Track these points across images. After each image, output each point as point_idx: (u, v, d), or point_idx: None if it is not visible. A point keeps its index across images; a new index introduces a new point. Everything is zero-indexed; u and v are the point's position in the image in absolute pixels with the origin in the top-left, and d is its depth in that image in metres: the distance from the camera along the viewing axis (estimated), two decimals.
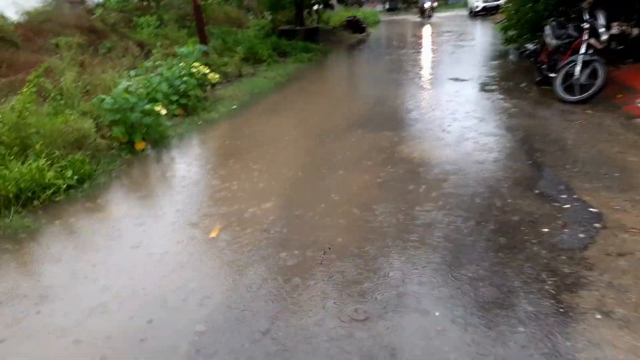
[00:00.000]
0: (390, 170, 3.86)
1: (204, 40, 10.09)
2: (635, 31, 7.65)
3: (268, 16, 16.62)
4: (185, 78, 6.28)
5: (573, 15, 7.80)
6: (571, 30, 5.82)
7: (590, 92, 5.33)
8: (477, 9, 24.99)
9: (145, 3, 18.56)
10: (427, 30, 18.68)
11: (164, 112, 4.94)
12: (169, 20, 16.41)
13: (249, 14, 21.98)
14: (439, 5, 40.24)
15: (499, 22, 11.63)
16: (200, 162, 4.55)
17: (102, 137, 4.60)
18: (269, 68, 10.38)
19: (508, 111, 5.45)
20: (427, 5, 24.26)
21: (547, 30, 6.42)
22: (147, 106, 4.68)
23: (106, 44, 11.91)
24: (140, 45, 12.01)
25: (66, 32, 13.37)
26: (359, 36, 17.78)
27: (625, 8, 6.89)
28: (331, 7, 30.83)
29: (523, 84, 6.92)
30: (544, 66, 6.44)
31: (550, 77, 6.14)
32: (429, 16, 24.04)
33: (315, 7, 17.17)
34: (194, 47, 8.44)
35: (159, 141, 5.03)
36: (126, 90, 4.57)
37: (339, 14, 23.70)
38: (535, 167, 3.69)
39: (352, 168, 4.00)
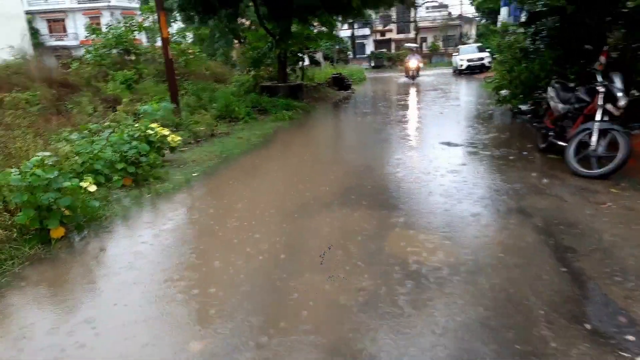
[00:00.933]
0: (374, 276, 2.85)
1: (175, 96, 9.31)
2: None
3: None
4: (135, 143, 5.34)
5: (572, 77, 7.22)
6: (582, 94, 5.09)
7: (612, 166, 4.50)
8: (462, 68, 25.23)
9: (124, 57, 18.09)
10: (412, 88, 18.41)
11: (92, 188, 3.93)
12: (148, 75, 15.85)
13: (235, 70, 21.73)
14: (422, 64, 41.39)
15: (490, 81, 11.15)
16: (136, 255, 3.48)
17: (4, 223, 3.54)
18: (245, 127, 9.57)
19: (515, 187, 4.56)
20: (412, 64, 21.11)
21: (551, 92, 5.72)
22: (67, 183, 3.67)
23: (74, 99, 11.10)
24: (111, 101, 11.25)
25: (35, 86, 12.61)
26: (343, 93, 17.38)
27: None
28: (317, 64, 31.15)
29: (524, 152, 6.12)
30: (550, 133, 5.68)
31: (558, 145, 5.35)
32: (414, 77, 21.15)
33: (300, 63, 16.82)
34: (160, 105, 7.61)
35: (87, 225, 3.98)
36: (40, 163, 3.58)
37: (325, 71, 23.63)
38: (574, 280, 2.71)
39: (324, 269, 2.98)
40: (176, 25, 23.76)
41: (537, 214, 3.81)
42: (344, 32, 43.67)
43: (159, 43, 19.01)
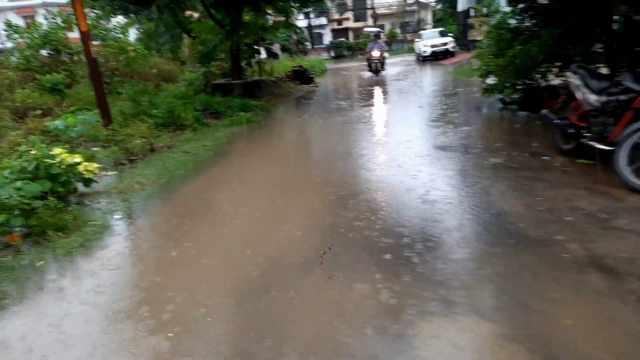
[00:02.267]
0: None
1: (103, 104, 7.57)
2: None
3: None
4: (19, 183, 3.70)
5: (578, 59, 6.06)
6: (629, 82, 3.86)
7: None
8: (426, 54, 24.23)
9: (55, 58, 15.86)
10: (379, 78, 17.15)
11: None
12: (84, 77, 13.79)
13: (186, 67, 19.75)
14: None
15: (477, 67, 9.95)
16: None
17: None
18: (193, 136, 7.94)
19: (567, 220, 3.28)
20: (375, 53, 16.81)
21: (575, 80, 4.49)
22: None
23: None
24: (20, 113, 9.32)
25: None
26: (306, 88, 15.89)
27: None
28: (275, 56, 29.39)
29: (544, 156, 4.89)
30: (581, 132, 4.46)
31: (596, 148, 4.14)
32: (377, 70, 17.00)
33: (256, 57, 15.17)
34: (77, 119, 5.92)
35: None
36: None
37: (284, 64, 22.01)
38: None
39: None
40: (116, 20, 21.43)
41: (628, 272, 2.52)
42: (300, 22, 41.97)
43: (98, 41, 16.89)
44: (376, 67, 16.95)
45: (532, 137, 5.77)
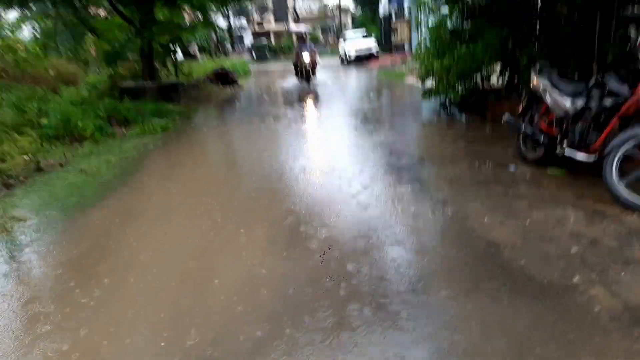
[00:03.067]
0: None
1: None
2: None
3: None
4: None
5: (525, 61, 5.73)
6: (613, 84, 3.39)
7: None
8: (351, 58, 24.02)
9: None
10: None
11: None
12: None
13: (92, 69, 17.58)
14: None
15: (415, 69, 9.49)
16: None
17: None
18: (94, 149, 6.55)
19: (560, 245, 2.68)
20: (306, 58, 13.32)
21: (543, 81, 4.00)
22: None
23: None
24: None
25: None
26: (229, 90, 14.71)
27: None
28: (192, 57, 27.61)
29: (511, 166, 4.37)
30: (553, 140, 3.97)
31: (576, 159, 3.65)
32: (309, 77, 13.67)
33: (172, 57, 13.70)
34: None
35: None
36: None
37: (204, 65, 20.55)
38: None
39: None
40: (8, 16, 18.57)
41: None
42: (221, 23, 40.24)
43: None
44: (307, 74, 13.59)
45: (489, 144, 5.29)
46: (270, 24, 50.26)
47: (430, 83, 7.58)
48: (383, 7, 26.84)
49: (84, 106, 8.46)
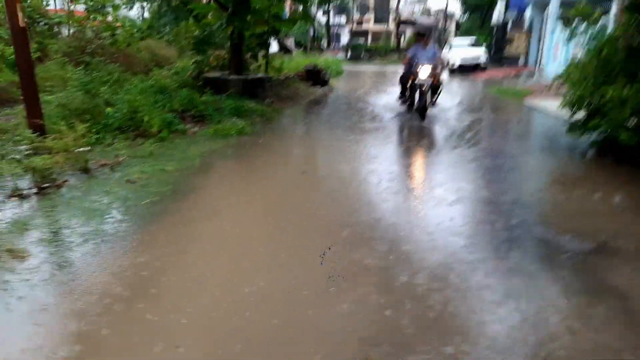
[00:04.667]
0: None
1: (30, 97, 5.25)
2: None
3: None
4: None
5: None
6: None
7: None
8: (454, 67, 21.82)
9: (31, 27, 13.52)
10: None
11: None
12: (57, 52, 11.50)
13: (188, 54, 17.46)
14: (402, 59, 37.27)
15: (505, 89, 7.53)
16: None
17: None
18: (156, 150, 5.59)
19: None
20: (423, 72, 7.75)
21: None
22: None
23: None
24: None
25: None
26: (319, 90, 13.53)
27: None
28: (288, 51, 27.01)
29: None
30: None
31: None
32: (423, 109, 7.87)
33: (263, 50, 12.78)
34: None
35: None
36: None
37: (296, 61, 19.65)
38: None
39: None
40: None
41: None
42: (320, 19, 39.64)
43: (79, 7, 14.58)
44: (422, 102, 7.77)
45: None
46: (370, 24, 48.83)
47: (581, 115, 5.69)
48: (498, 14, 24.15)
49: (158, 96, 7.66)
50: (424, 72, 7.74)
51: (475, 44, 23.60)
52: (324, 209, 3.84)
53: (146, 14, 23.68)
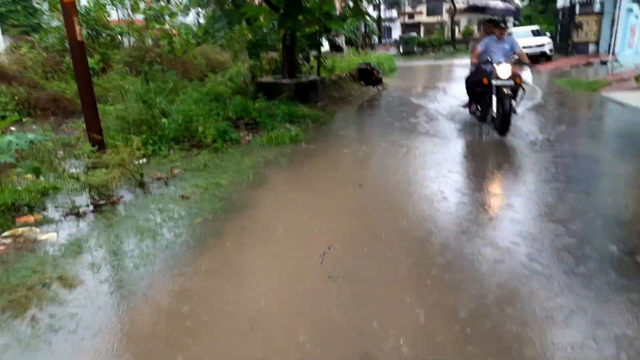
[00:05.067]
0: None
1: (89, 110, 5.30)
2: None
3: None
4: None
5: None
6: None
7: None
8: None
9: (94, 39, 14.13)
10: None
11: None
12: (118, 63, 11.93)
13: (241, 57, 17.65)
14: (458, 51, 35.50)
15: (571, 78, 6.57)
16: None
17: None
18: (211, 161, 5.48)
19: None
20: (503, 71, 5.95)
21: None
22: None
23: None
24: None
25: None
26: (373, 90, 13.10)
27: None
28: (339, 49, 26.65)
29: None
30: None
31: None
32: (504, 123, 6.03)
33: (317, 50, 12.53)
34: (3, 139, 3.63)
35: None
36: None
37: (348, 59, 19.29)
38: None
39: None
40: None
41: None
42: (370, 13, 38.93)
43: (138, 17, 15.03)
44: (504, 112, 6.00)
45: None
46: (422, 16, 47.39)
47: None
48: None
49: (215, 104, 7.62)
50: (503, 71, 6.05)
51: (538, 32, 22.06)
52: (392, 235, 3.47)
53: (202, 20, 24.28)
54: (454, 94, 10.65)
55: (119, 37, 15.39)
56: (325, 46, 20.90)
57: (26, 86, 9.99)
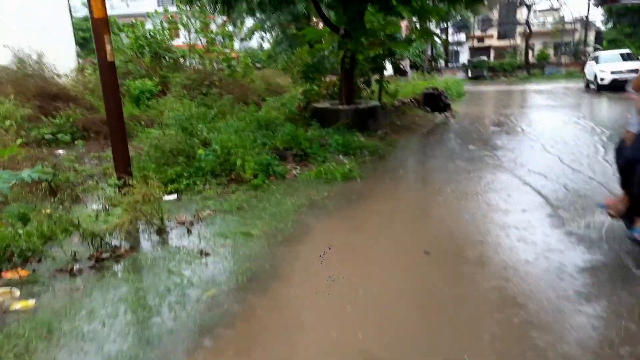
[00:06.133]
0: None
1: (117, 142, 4.72)
2: None
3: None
4: None
5: None
6: None
7: None
8: (603, 82, 18.31)
9: (156, 62, 14.21)
10: (546, 113, 12.37)
11: None
12: (176, 86, 11.79)
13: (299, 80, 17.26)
14: (532, 76, 33.06)
15: None
16: None
17: None
18: (248, 201, 4.66)
19: None
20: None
21: None
22: None
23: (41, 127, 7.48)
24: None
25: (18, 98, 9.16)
26: (439, 117, 11.92)
27: None
28: (403, 73, 25.63)
29: None
30: None
31: None
32: None
33: (379, 75, 11.61)
34: None
35: None
36: None
37: (413, 84, 18.23)
38: None
39: None
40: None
41: None
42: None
43: (200, 41, 15.02)
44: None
45: None
46: (492, 40, 45.22)
47: None
48: None
49: (263, 132, 6.90)
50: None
51: (629, 56, 19.72)
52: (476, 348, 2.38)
53: (266, 45, 24.45)
54: (535, 125, 9.22)
55: (182, 59, 15.46)
56: (389, 69, 20.00)
57: (82, 108, 9.96)
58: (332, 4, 10.02)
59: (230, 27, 17.17)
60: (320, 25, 14.27)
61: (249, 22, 19.92)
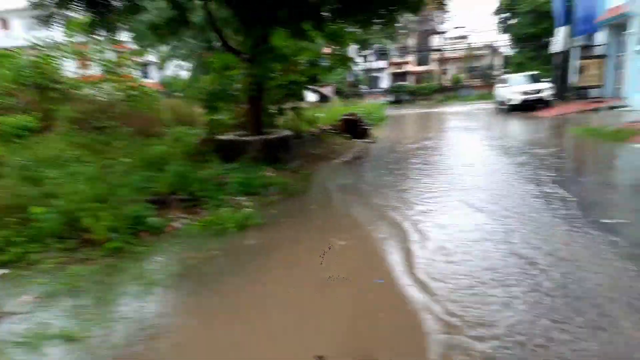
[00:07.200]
0: None
1: None
2: None
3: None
4: None
5: None
6: None
7: None
8: (514, 103, 18.99)
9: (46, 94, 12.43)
10: (462, 134, 12.24)
11: None
12: (63, 120, 10.15)
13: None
14: (447, 99, 34.67)
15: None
16: None
17: None
18: (84, 282, 3.40)
19: None
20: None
21: None
22: None
23: None
24: None
25: None
26: (359, 144, 11.28)
27: None
28: (325, 99, 25.32)
29: None
30: None
31: None
32: None
33: (291, 102, 10.75)
34: None
35: None
36: None
37: (334, 110, 17.69)
38: None
39: None
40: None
41: None
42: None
43: (91, 71, 13.46)
44: None
45: None
46: (410, 66, 47.03)
47: None
48: (560, 40, 21.32)
49: (146, 173, 5.64)
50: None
51: (536, 77, 20.81)
52: None
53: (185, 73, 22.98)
54: (453, 149, 8.80)
55: (75, 91, 13.65)
56: (312, 96, 19.43)
57: None
58: (238, 28, 9.09)
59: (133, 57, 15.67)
60: None
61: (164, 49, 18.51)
